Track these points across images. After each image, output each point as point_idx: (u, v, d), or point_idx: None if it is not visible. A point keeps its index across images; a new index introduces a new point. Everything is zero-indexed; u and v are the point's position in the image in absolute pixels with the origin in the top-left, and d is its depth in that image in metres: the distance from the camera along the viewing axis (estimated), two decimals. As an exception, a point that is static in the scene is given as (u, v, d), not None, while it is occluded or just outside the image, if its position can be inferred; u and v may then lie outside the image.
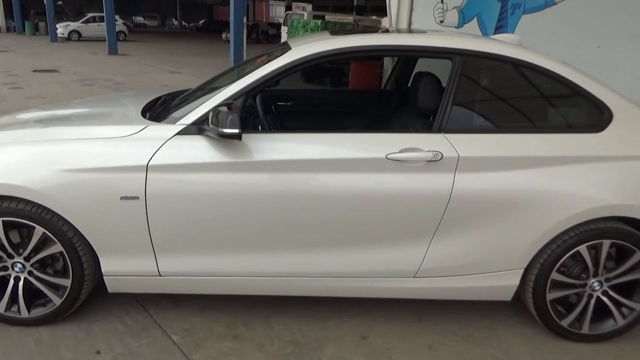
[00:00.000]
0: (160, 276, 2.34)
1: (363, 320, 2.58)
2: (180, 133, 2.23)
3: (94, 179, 2.16)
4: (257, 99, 2.94)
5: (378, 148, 2.22)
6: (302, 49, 2.32)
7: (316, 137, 2.27)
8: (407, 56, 3.34)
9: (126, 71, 12.94)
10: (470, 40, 2.47)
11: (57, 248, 2.25)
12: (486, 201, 2.24)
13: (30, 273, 2.33)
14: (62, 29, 23.98)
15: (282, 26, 17.24)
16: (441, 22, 5.68)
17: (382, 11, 8.71)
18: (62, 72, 11.96)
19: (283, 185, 2.21)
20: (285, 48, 2.46)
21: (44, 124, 2.57)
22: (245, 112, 2.51)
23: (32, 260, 2.31)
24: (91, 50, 18.90)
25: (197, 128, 2.22)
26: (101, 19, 21.96)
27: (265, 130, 2.78)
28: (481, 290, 2.41)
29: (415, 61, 3.38)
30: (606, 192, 2.26)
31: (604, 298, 2.39)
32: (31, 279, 2.34)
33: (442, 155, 2.21)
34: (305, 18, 14.67)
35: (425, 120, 2.46)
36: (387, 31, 3.32)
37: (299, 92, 3.82)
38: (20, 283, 2.34)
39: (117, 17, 21.10)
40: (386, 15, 6.04)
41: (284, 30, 15.62)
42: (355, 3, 26.95)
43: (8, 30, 29.42)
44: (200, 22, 43.50)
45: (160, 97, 2.99)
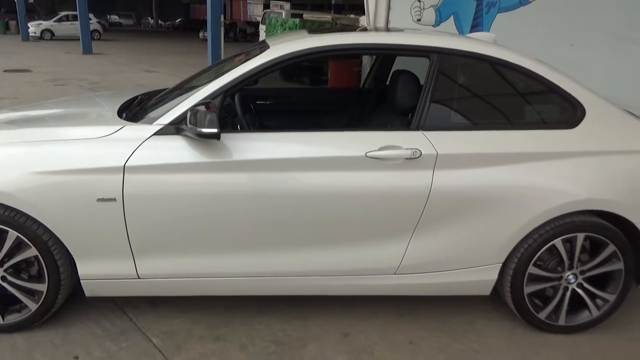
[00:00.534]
0: (139, 279, 2.31)
1: (345, 318, 2.58)
2: (157, 133, 2.20)
3: (70, 181, 2.12)
4: (236, 98, 2.92)
5: (357, 146, 2.23)
6: (281, 48, 2.31)
7: (295, 136, 2.27)
8: (385, 54, 3.36)
9: (101, 70, 12.70)
10: (447, 38, 2.50)
11: (32, 252, 2.20)
12: (465, 197, 2.27)
13: (3, 279, 2.27)
14: (34, 28, 23.43)
15: (260, 25, 17.14)
16: (418, 21, 5.73)
17: (360, 10, 8.74)
18: (35, 72, 11.66)
19: (262, 184, 2.20)
20: (263, 47, 2.45)
21: (17, 125, 2.51)
22: (223, 112, 2.49)
23: (6, 265, 2.25)
24: (65, 49, 18.49)
25: (175, 128, 2.20)
26: (74, 18, 21.53)
27: (244, 129, 2.77)
28: (460, 285, 2.44)
29: (393, 59, 3.40)
30: (580, 187, 2.31)
31: (579, 290, 2.44)
32: (5, 285, 2.28)
33: (421, 152, 2.23)
34: (283, 17, 14.66)
35: (403, 118, 2.48)
36: (365, 30, 3.34)
37: (278, 91, 3.81)
38: (-7, 289, 2.28)
39: (92, 16, 20.71)
40: (364, 13, 6.06)
41: (262, 28, 15.53)
42: (333, 1, 27.02)
43: (-23, 29, 28.62)
44: (177, 21, 43.08)
45: (136, 97, 2.94)
